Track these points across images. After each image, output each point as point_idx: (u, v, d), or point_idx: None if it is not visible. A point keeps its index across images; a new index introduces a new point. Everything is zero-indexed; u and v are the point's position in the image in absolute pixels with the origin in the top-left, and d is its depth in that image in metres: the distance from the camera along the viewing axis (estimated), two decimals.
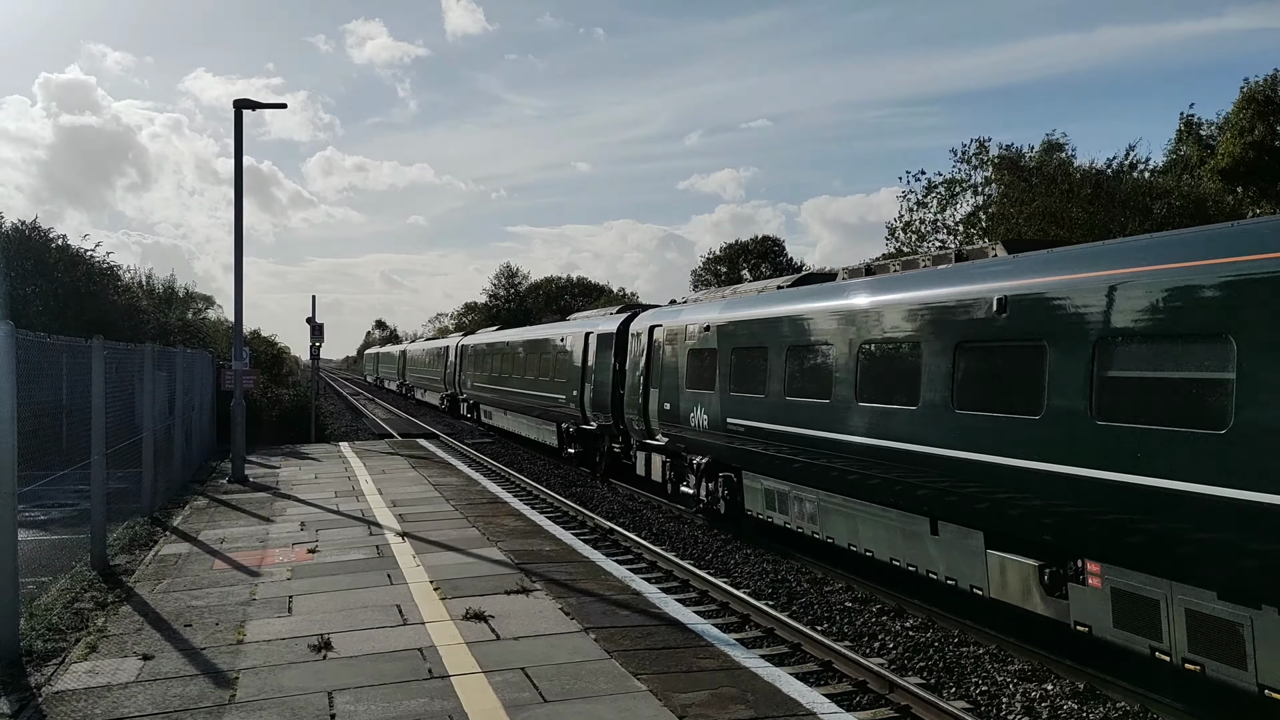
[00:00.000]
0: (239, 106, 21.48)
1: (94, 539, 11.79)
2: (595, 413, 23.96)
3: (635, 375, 20.66)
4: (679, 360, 18.07)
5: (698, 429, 17.04)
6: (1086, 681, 9.48)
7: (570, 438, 26.96)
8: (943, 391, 10.77)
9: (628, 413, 21.11)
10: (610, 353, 22.85)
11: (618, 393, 22.19)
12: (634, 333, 21.43)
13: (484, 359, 39.55)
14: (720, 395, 16.22)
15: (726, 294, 18.52)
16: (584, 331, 25.60)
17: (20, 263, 26.60)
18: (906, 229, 43.07)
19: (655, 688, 7.52)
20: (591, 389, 24.19)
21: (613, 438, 23.39)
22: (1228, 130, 34.51)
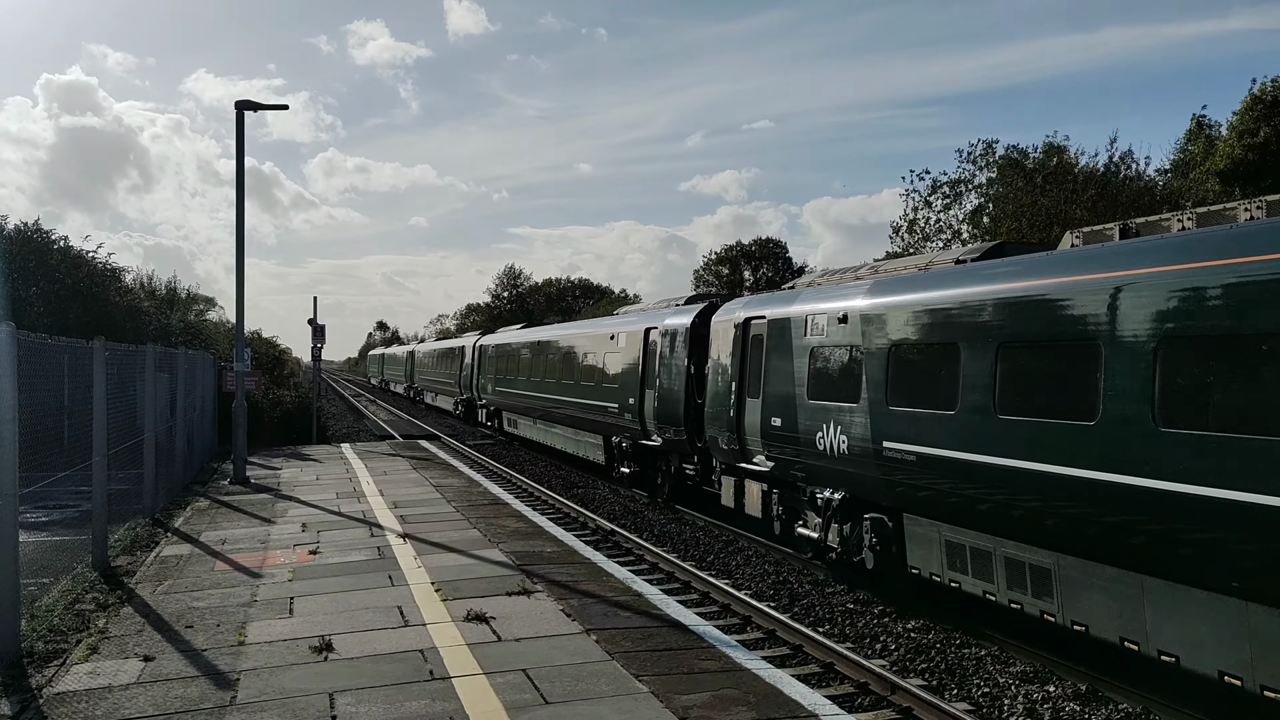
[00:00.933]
0: (240, 108, 21.49)
1: (95, 540, 11.80)
2: (660, 426, 20.19)
3: (722, 381, 16.53)
4: (795, 362, 14.03)
5: (829, 453, 12.94)
6: (1088, 683, 9.46)
7: (623, 454, 22.82)
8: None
9: (710, 428, 17.04)
10: (682, 352, 19.19)
11: (693, 402, 18.51)
12: (718, 327, 17.24)
13: (509, 360, 34.96)
14: (869, 409, 12.08)
15: (863, 273, 14.08)
16: (643, 327, 21.56)
17: (22, 264, 26.63)
18: (911, 228, 43.09)
19: (657, 689, 7.51)
20: (656, 397, 20.34)
21: (684, 457, 19.51)
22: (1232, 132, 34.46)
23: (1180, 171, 38.98)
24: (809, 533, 13.95)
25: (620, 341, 23.17)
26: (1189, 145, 40.09)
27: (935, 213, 42.58)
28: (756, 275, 70.06)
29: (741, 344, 15.95)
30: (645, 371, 21.09)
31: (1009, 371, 10.05)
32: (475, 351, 41.74)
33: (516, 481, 24.00)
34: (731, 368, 16.25)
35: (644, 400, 21.01)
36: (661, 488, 21.00)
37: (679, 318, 19.89)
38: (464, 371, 44.17)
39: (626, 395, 22.14)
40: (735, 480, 16.42)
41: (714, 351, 17.22)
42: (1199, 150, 38.22)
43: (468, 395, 43.68)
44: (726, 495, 16.84)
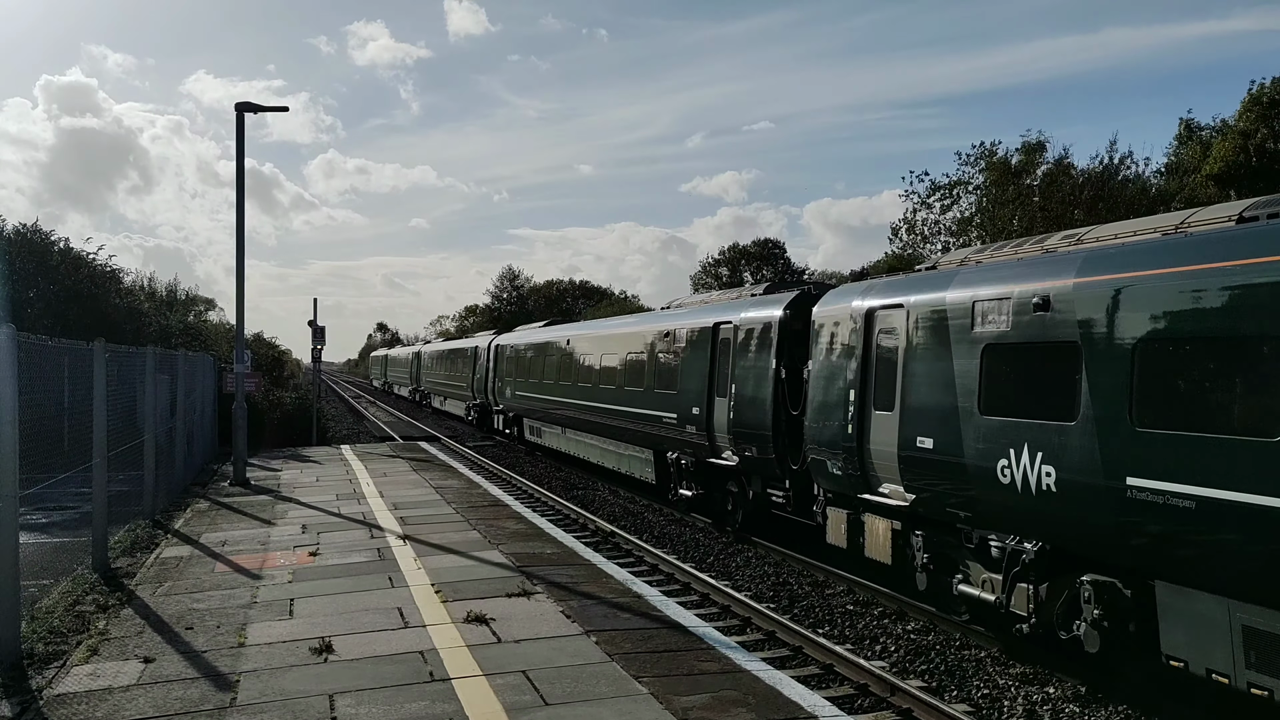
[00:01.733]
0: (241, 110, 21.49)
1: (95, 542, 11.80)
2: (736, 441, 16.64)
3: (834, 389, 13.19)
4: (958, 364, 10.68)
5: (1017, 488, 9.55)
6: (1088, 685, 9.47)
7: (683, 473, 19.18)
8: None
9: (814, 447, 13.68)
10: (769, 353, 15.79)
11: (783, 413, 15.31)
12: (824, 320, 13.80)
13: (532, 362, 31.41)
14: (1097, 430, 8.70)
15: (1056, 243, 10.75)
16: (711, 322, 18.08)
17: (22, 266, 26.64)
18: (910, 230, 43.14)
19: (656, 690, 7.52)
20: (730, 407, 16.77)
21: (769, 480, 16.10)
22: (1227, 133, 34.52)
23: (1173, 173, 39.03)
24: (975, 592, 10.65)
25: (680, 339, 19.44)
26: (1180, 149, 40.15)
27: (935, 215, 42.65)
28: (756, 277, 70.10)
29: (865, 341, 12.59)
30: (714, 376, 17.61)
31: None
32: (491, 352, 38.24)
33: (516, 483, 24.00)
34: (848, 372, 12.85)
35: (713, 409, 17.50)
36: (732, 515, 17.41)
37: (762, 310, 16.41)
38: (477, 374, 40.89)
39: (689, 404, 18.48)
40: (849, 514, 13.00)
41: (818, 351, 13.86)
42: (1191, 153, 38.29)
43: (481, 400, 40.47)
44: (835, 532, 13.34)
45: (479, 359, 40.72)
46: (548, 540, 14.04)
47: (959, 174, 41.65)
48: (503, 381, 35.72)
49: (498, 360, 37.02)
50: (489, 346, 38.86)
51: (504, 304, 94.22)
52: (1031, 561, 9.69)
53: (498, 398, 36.88)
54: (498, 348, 37.36)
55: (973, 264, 11.80)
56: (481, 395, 40.16)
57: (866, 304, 12.82)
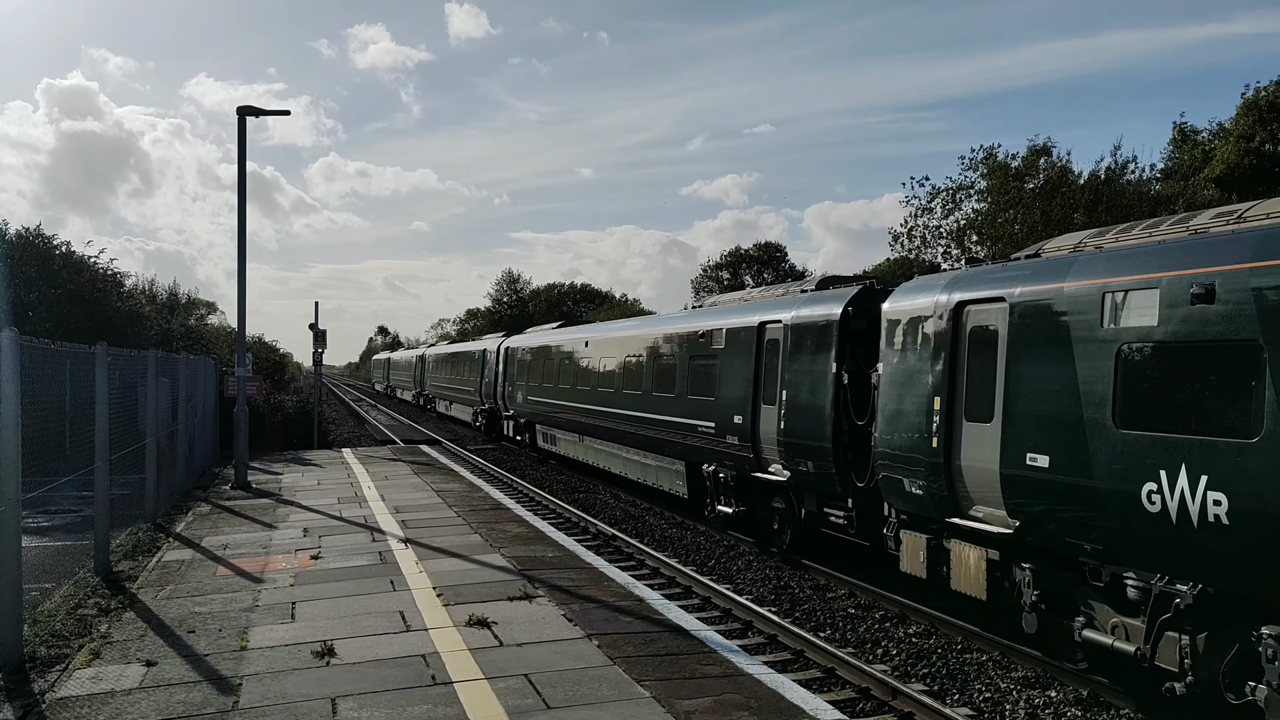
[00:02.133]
0: (242, 113, 21.49)
1: (97, 545, 11.81)
2: (787, 454, 14.90)
3: (911, 396, 11.66)
4: (1082, 367, 9.07)
5: (1169, 518, 8.03)
6: (1090, 689, 9.47)
7: (722, 488, 17.47)
8: None
9: (886, 463, 12.06)
10: (828, 355, 14.03)
11: (845, 423, 13.61)
12: (898, 318, 12.19)
13: (546, 365, 29.73)
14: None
15: (1208, 221, 9.24)
16: (756, 321, 16.34)
17: (24, 269, 26.66)
18: (910, 235, 43.16)
19: (658, 694, 7.52)
20: (781, 415, 15.05)
21: (826, 498, 14.44)
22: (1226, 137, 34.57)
23: (1170, 177, 39.08)
24: (1106, 640, 9.05)
25: (718, 341, 17.62)
26: (1175, 153, 40.21)
27: (937, 219, 42.66)
28: (757, 281, 70.13)
29: (952, 341, 11.02)
30: (760, 381, 15.86)
31: None
32: (501, 355, 36.46)
33: (518, 486, 24.00)
34: (931, 376, 11.28)
35: (758, 419, 15.79)
36: (780, 535, 15.79)
37: (818, 307, 14.63)
38: (486, 378, 38.85)
39: (729, 412, 16.79)
40: (930, 539, 11.48)
41: (890, 353, 12.25)
42: (1187, 157, 38.34)
43: (490, 405, 38.55)
44: (911, 560, 11.81)
45: (488, 362, 38.93)
46: (549, 543, 14.04)
47: (961, 178, 41.71)
48: (514, 386, 34.06)
49: (508, 363, 35.36)
50: (499, 349, 37.13)
51: (505, 307, 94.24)
52: (1188, 607, 8.07)
53: (508, 403, 35.15)
54: (508, 350, 35.68)
55: (1091, 249, 10.02)
56: (490, 400, 38.32)
57: (954, 298, 11.12)
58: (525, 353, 32.97)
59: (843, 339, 13.86)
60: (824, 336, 14.24)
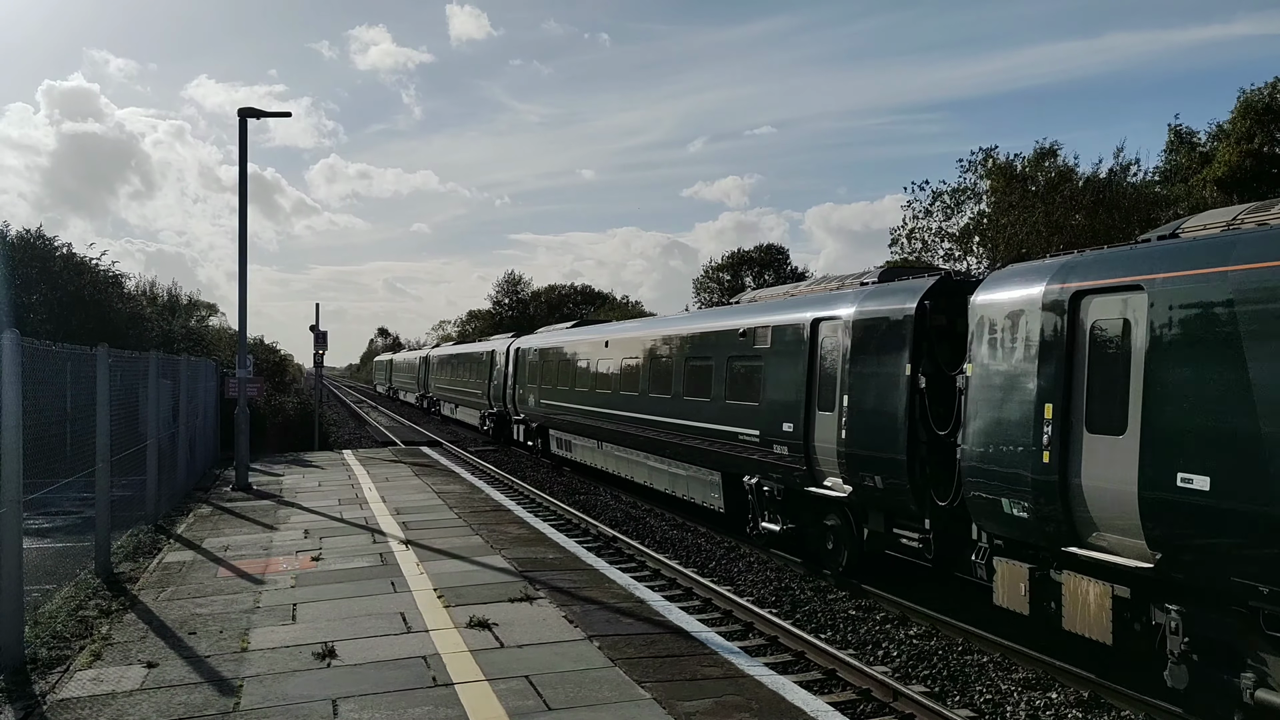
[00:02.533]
0: (244, 115, 21.49)
1: (98, 547, 11.82)
2: (849, 467, 13.29)
3: (1014, 401, 10.17)
4: (1254, 371, 7.84)
5: None
6: (1091, 690, 9.47)
7: (766, 502, 15.77)
8: None
9: (977, 480, 10.62)
10: (899, 355, 12.44)
11: (923, 433, 12.02)
12: (992, 310, 10.75)
13: (561, 366, 28.33)
14: None
15: None
16: (810, 318, 14.61)
17: (25, 271, 26.69)
18: (910, 237, 43.17)
19: (659, 695, 7.52)
20: (841, 423, 13.45)
21: (897, 517, 12.92)
22: (1225, 139, 34.61)
23: (1168, 179, 39.11)
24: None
25: (763, 340, 15.99)
26: (1172, 155, 40.24)
27: (937, 222, 42.68)
28: (759, 282, 70.15)
29: (1069, 337, 9.59)
30: (816, 385, 14.29)
31: None
32: (510, 356, 34.93)
33: (518, 488, 24.00)
34: (1039, 379, 9.83)
35: (812, 427, 14.23)
36: (835, 556, 14.19)
37: (888, 300, 13.03)
38: (494, 380, 37.27)
39: (776, 419, 15.19)
40: (1034, 571, 10.02)
41: (982, 352, 10.76)
42: (1185, 158, 38.37)
43: (499, 408, 36.90)
44: (1009, 593, 10.30)
45: (496, 364, 37.22)
46: (550, 545, 14.04)
47: (961, 181, 41.73)
48: (525, 389, 32.46)
49: (519, 365, 33.65)
50: (508, 350, 35.53)
51: (505, 309, 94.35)
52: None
53: (519, 406, 33.41)
54: (519, 351, 33.97)
55: (1252, 225, 8.76)
56: (499, 403, 36.71)
57: (1068, 287, 9.69)
58: (538, 354, 31.39)
59: (919, 336, 12.22)
60: (896, 334, 12.58)
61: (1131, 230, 31.13)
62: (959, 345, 11.50)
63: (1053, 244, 32.75)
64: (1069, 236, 32.93)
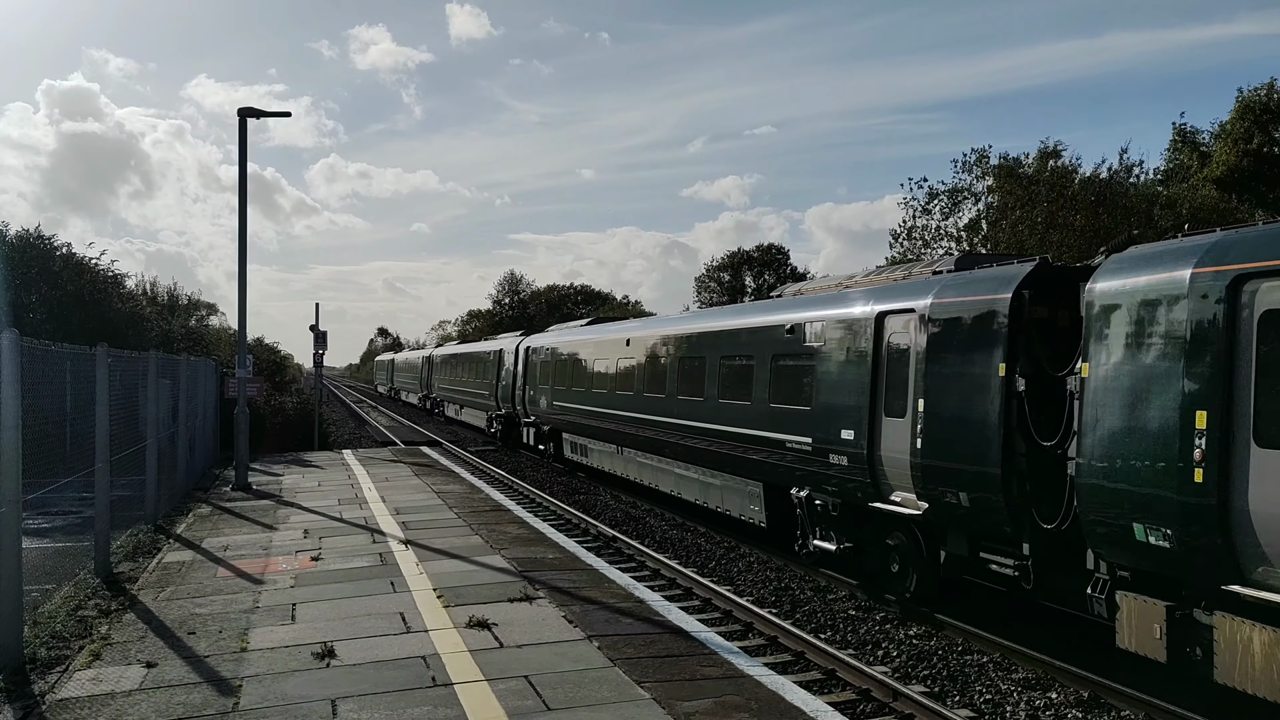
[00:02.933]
0: (243, 115, 21.50)
1: (97, 546, 11.81)
2: (924, 479, 11.69)
3: (1150, 407, 8.80)
4: None
5: None
6: (1091, 690, 9.47)
7: (819, 517, 14.18)
8: None
9: (1099, 501, 9.22)
10: (990, 352, 10.80)
11: (1020, 442, 10.45)
12: (1117, 300, 9.37)
13: (577, 366, 26.85)
14: None
15: None
16: (874, 311, 13.07)
17: (24, 271, 26.70)
18: (910, 236, 43.18)
19: (659, 696, 7.52)
20: (917, 429, 11.81)
21: (986, 538, 11.30)
22: (1224, 139, 34.63)
23: (1170, 179, 39.14)
24: None
25: (815, 336, 14.38)
26: (1176, 154, 40.27)
27: (934, 220, 42.70)
28: (758, 282, 70.18)
29: (1228, 329, 8.14)
30: (883, 386, 12.68)
31: None
32: (520, 355, 33.71)
33: (518, 488, 24.00)
34: (1188, 381, 8.37)
35: (878, 435, 12.65)
36: (901, 580, 12.61)
37: (974, 290, 11.44)
38: (503, 380, 36.05)
39: (833, 425, 13.57)
40: (1173, 610, 8.66)
41: (1105, 350, 9.28)
42: (1188, 158, 38.41)
43: (507, 410, 35.59)
44: (1139, 634, 8.96)
45: (504, 363, 35.97)
46: (550, 545, 14.04)
47: (956, 180, 41.77)
48: (536, 389, 30.97)
49: (529, 364, 32.22)
50: (517, 349, 34.17)
51: (505, 309, 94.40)
52: None
53: (529, 408, 32.05)
54: (529, 350, 32.49)
55: None
56: (508, 404, 35.38)
57: (1228, 270, 8.23)
58: (550, 353, 29.87)
59: (1015, 332, 10.58)
60: (985, 329, 10.97)
61: (1131, 229, 31.14)
62: (1062, 341, 10.18)
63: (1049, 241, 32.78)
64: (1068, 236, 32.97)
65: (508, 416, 35.85)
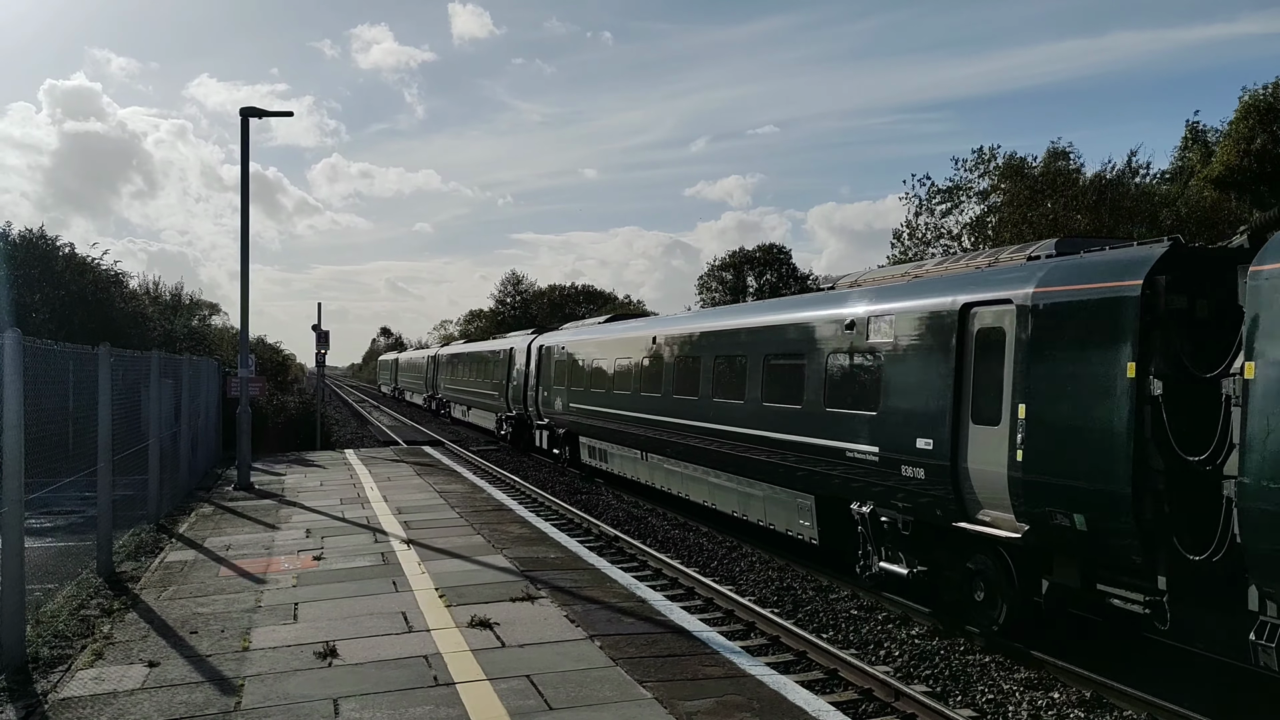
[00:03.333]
0: (246, 115, 21.51)
1: (100, 546, 11.83)
2: (1024, 496, 10.25)
3: None
4: None
5: None
6: (1093, 690, 9.45)
7: (884, 536, 12.80)
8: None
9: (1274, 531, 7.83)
10: (1115, 350, 9.30)
11: (1157, 456, 8.96)
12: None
13: (596, 367, 25.46)
14: None
15: None
16: (956, 303, 11.54)
17: (27, 270, 26.74)
18: (912, 234, 43.16)
19: (661, 695, 7.52)
20: (1019, 438, 10.26)
21: (1108, 569, 9.78)
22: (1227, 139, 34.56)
23: (1178, 178, 39.09)
24: None
25: (882, 331, 12.81)
26: (1186, 152, 40.21)
27: (936, 219, 42.68)
28: (760, 282, 70.17)
29: None
30: (967, 388, 11.19)
31: None
32: (532, 354, 32.51)
33: (520, 487, 24.01)
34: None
35: (962, 444, 11.13)
36: (986, 611, 11.20)
37: (1091, 276, 9.93)
38: (514, 380, 34.96)
39: (906, 432, 12.02)
40: None
41: (1273, 345, 7.92)
42: (1196, 157, 38.35)
43: (518, 411, 34.52)
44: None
45: (515, 363, 34.81)
46: (551, 545, 14.04)
47: (956, 178, 41.74)
48: (551, 390, 29.65)
49: (542, 364, 30.97)
50: (529, 347, 32.88)
51: (508, 308, 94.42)
52: None
53: (543, 409, 30.71)
54: (542, 349, 31.23)
55: None
56: (519, 406, 34.15)
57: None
58: (565, 352, 28.41)
59: (1149, 325, 9.06)
60: (1109, 321, 9.40)
61: (1133, 229, 31.11)
62: (1205, 336, 8.94)
63: None
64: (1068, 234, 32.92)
65: (519, 418, 34.70)
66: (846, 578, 13.87)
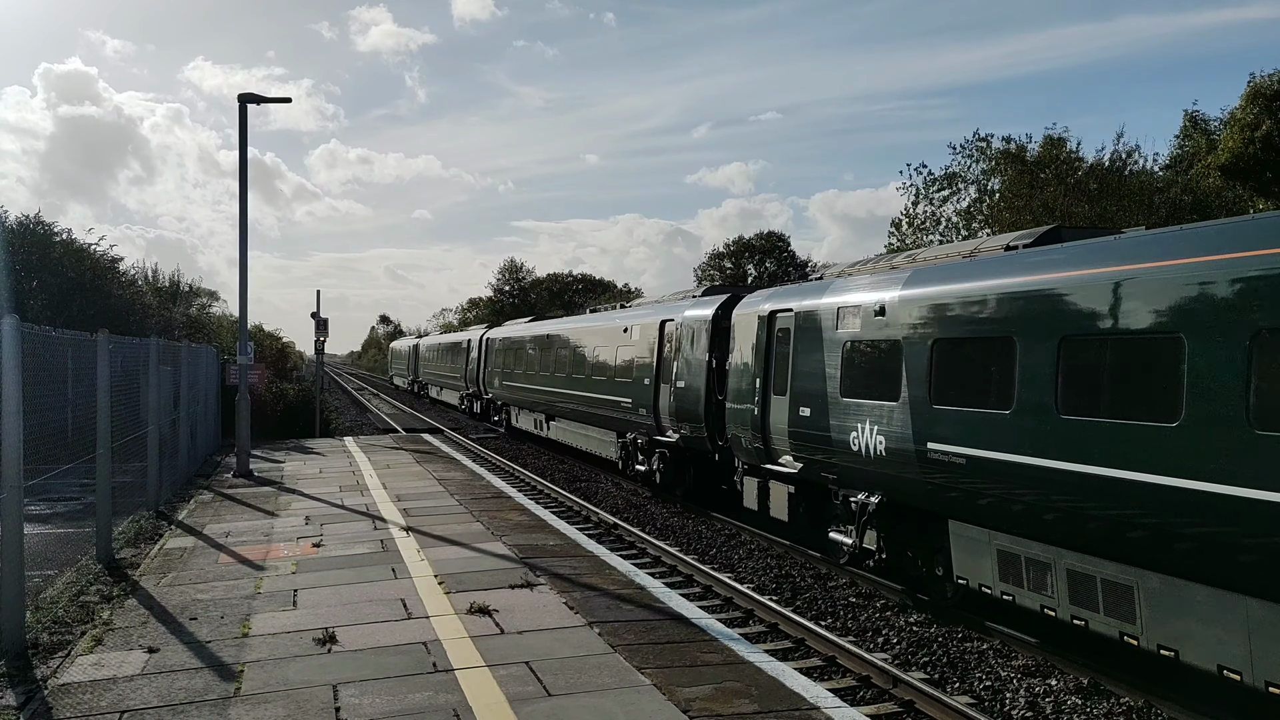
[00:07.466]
0: (244, 101, 21.38)
1: (99, 533, 11.83)
2: None
3: None
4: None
5: None
6: (1090, 677, 9.48)
7: None
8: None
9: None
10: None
11: None
12: None
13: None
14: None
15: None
16: None
17: (24, 257, 26.68)
18: (910, 222, 43.04)
19: (659, 682, 7.53)
20: None
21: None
22: (1232, 125, 34.41)
23: (1178, 166, 38.94)
24: None
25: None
26: (1185, 141, 40.08)
27: (934, 206, 42.53)
28: (760, 271, 70.07)
29: None
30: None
31: None
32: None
33: (519, 475, 24.03)
34: None
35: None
36: None
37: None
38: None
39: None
40: None
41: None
42: (1197, 144, 38.21)
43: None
44: None
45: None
46: (550, 532, 14.06)
47: (954, 165, 41.58)
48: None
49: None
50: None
51: (506, 296, 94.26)
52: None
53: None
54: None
55: None
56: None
57: None
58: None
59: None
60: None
61: (1132, 218, 31.06)
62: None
63: None
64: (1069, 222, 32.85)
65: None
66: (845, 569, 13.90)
